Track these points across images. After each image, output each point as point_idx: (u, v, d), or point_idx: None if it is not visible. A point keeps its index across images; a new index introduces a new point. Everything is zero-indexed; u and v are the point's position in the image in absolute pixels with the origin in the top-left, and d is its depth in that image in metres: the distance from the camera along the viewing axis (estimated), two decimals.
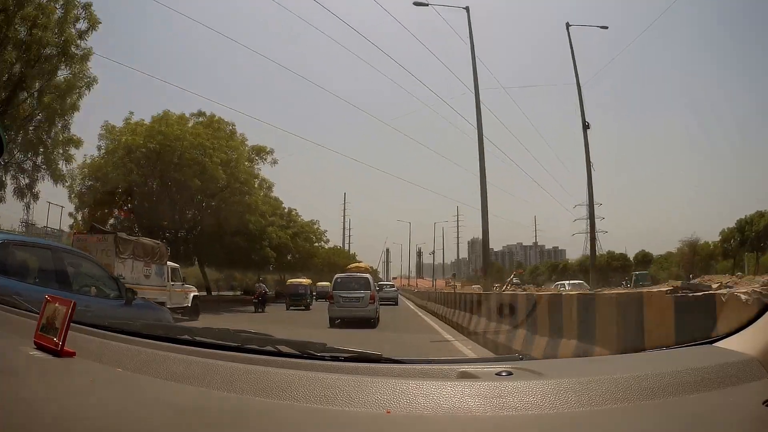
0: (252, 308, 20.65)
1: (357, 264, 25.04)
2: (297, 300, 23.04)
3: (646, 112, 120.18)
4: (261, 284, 22.32)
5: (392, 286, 35.19)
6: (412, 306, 27.35)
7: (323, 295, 33.32)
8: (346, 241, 72.58)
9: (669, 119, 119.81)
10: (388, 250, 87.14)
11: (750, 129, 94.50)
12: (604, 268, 46.16)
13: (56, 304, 1.36)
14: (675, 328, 3.40)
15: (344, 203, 79.37)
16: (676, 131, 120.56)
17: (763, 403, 1.00)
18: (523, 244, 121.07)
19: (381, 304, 15.34)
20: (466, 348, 8.52)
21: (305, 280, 25.50)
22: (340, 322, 13.30)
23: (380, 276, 64.03)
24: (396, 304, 26.94)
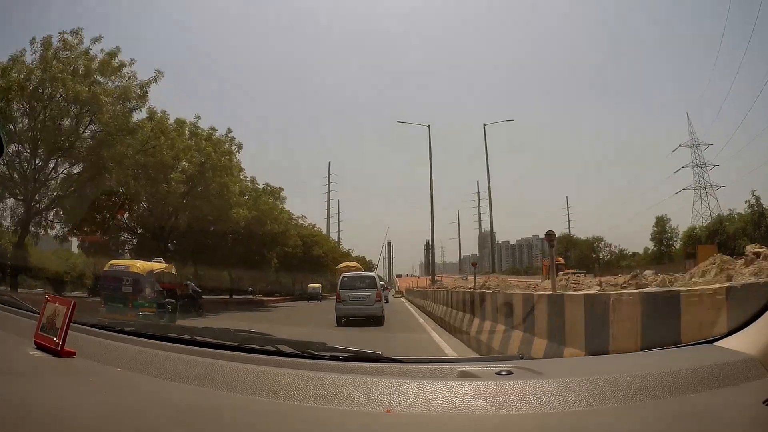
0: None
1: (347, 263, 22.42)
2: (117, 298, 11.89)
3: None
4: (190, 283, 16.88)
5: (383, 284, 36.93)
6: None
7: (314, 297, 32.67)
8: (336, 229, 62.78)
9: None
10: (389, 243, 77.64)
11: None
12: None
13: (56, 304, 1.36)
14: None
15: (329, 175, 64.83)
16: None
17: (763, 403, 1.00)
18: (539, 236, 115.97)
19: None
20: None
21: (141, 264, 12.83)
22: (346, 321, 12.93)
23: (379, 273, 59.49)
24: (387, 301, 27.38)
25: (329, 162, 75.05)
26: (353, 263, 23.92)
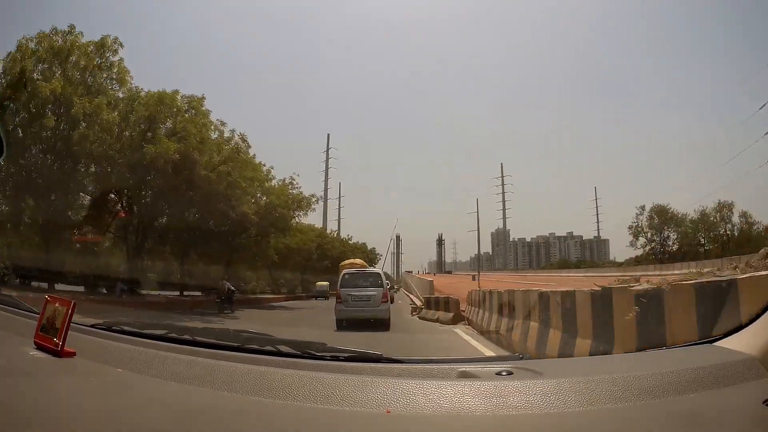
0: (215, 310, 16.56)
1: (351, 260, 21.42)
2: None
3: None
4: (226, 282, 18.32)
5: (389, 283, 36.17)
6: None
7: (322, 295, 31.24)
8: (336, 217, 55.57)
9: None
10: (398, 237, 71.15)
11: None
12: None
13: (56, 305, 1.36)
14: None
15: (327, 150, 57.98)
16: None
17: (763, 403, 1.00)
18: (556, 234, 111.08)
19: None
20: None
21: None
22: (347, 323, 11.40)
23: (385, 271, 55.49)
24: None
25: (328, 135, 66.87)
26: (358, 260, 23.01)
